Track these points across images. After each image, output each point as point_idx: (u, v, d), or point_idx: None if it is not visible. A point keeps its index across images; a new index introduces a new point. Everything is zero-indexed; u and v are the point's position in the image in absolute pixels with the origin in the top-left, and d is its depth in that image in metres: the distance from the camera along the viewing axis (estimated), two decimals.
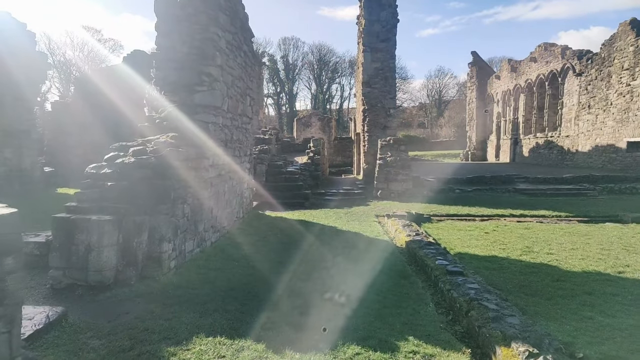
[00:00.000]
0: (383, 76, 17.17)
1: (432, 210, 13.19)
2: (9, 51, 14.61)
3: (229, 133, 9.40)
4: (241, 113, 10.51)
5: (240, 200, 10.93)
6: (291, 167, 16.67)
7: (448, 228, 10.68)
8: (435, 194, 16.43)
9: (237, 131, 10.19)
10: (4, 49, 14.47)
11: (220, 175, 8.89)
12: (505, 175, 18.41)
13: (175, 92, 7.95)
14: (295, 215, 12.47)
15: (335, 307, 5.06)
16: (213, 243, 8.39)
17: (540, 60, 29.08)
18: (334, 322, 4.53)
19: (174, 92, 7.96)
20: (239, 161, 10.70)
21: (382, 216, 12.56)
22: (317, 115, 42.18)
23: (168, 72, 8.03)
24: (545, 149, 27.96)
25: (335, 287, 5.66)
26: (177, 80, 7.97)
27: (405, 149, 16.37)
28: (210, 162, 8.11)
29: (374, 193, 16.23)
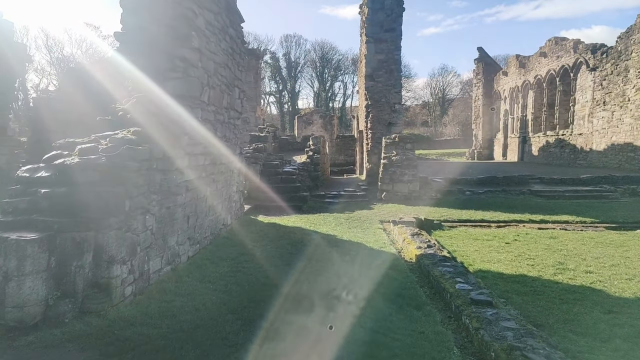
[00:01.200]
0: (387, 69, 15.90)
1: (442, 215, 11.93)
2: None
3: (211, 128, 8.16)
4: (227, 106, 9.27)
5: (227, 205, 9.70)
6: (288, 167, 15.43)
7: (462, 237, 9.42)
8: (443, 196, 15.17)
9: (222, 127, 8.96)
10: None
11: (201, 177, 7.65)
12: (518, 176, 17.12)
13: (143, 80, 6.72)
14: (290, 220, 11.24)
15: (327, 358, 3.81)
16: (190, 257, 7.16)
17: (550, 55, 27.74)
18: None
19: (142, 79, 6.72)
20: (226, 160, 9.47)
21: (387, 222, 11.31)
22: (319, 113, 40.96)
23: (135, 57, 6.78)
24: (557, 148, 26.63)
25: (331, 323, 4.43)
26: (145, 65, 6.73)
27: (412, 147, 15.11)
28: (185, 163, 6.87)
29: (377, 195, 14.98)
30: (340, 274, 6.25)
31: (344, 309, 4.93)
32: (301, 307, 4.95)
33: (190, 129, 6.99)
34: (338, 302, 5.18)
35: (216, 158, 8.63)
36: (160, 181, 5.86)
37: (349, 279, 6.09)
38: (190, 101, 6.99)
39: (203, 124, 7.60)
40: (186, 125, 6.78)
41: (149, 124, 6.10)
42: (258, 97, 24.04)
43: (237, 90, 10.18)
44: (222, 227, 9.40)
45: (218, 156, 8.79)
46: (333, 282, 5.85)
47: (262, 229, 9.89)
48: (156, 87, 6.52)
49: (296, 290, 5.49)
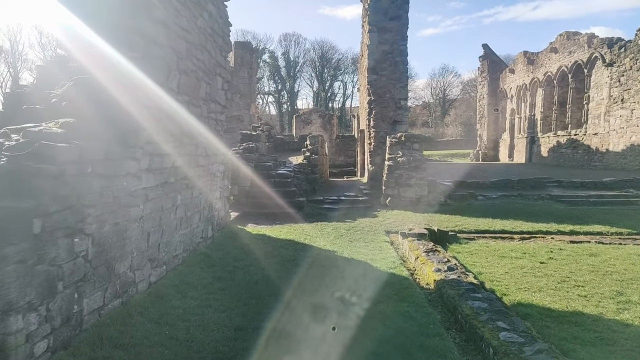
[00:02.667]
0: (392, 61, 14.46)
1: (456, 225, 10.46)
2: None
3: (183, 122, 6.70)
4: (206, 98, 7.80)
5: (207, 215, 8.23)
6: (283, 168, 13.96)
7: (484, 253, 7.95)
8: (454, 202, 13.71)
9: (199, 122, 7.49)
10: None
11: (167, 183, 6.18)
12: (534, 179, 15.67)
13: (90, 59, 5.25)
14: (283, 231, 9.77)
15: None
16: (153, 284, 5.69)
17: (561, 50, 26.31)
18: None
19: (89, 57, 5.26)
20: (205, 162, 8.01)
21: (394, 233, 9.85)
22: (318, 112, 39.53)
23: (85, 29, 5.32)
24: (569, 148, 25.18)
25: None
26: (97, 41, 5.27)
27: (419, 147, 13.65)
28: (144, 165, 5.41)
29: (382, 200, 13.52)
30: (340, 312, 4.78)
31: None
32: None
33: (152, 121, 5.53)
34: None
35: (191, 159, 7.17)
36: (100, 190, 4.38)
37: (351, 318, 4.63)
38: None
39: (168, 117, 6.13)
40: (145, 117, 5.31)
41: (91, 114, 4.63)
42: (253, 93, 22.60)
43: (220, 80, 8.72)
44: (201, 240, 7.93)
45: (194, 157, 7.33)
46: (330, 324, 4.39)
47: (248, 243, 8.42)
48: (106, 68, 5.05)
49: (279, 343, 4.02)
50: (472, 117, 64.28)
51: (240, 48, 22.34)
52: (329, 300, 5.17)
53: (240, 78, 22.30)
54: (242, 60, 22.33)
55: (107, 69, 4.97)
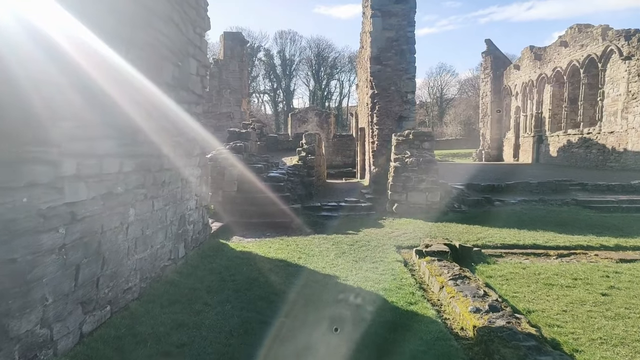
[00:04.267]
0: (398, 49, 12.87)
1: (478, 238, 8.88)
2: None
3: (138, 113, 5.07)
4: (173, 83, 6.17)
5: (176, 231, 6.61)
6: (274, 171, 12.33)
7: (524, 278, 6.35)
8: (469, 208, 12.14)
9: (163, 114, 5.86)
10: None
11: (112, 195, 4.55)
12: (555, 182, 14.12)
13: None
14: (273, 247, 8.16)
15: None
16: (85, 336, 4.07)
17: (572, 44, 24.80)
18: None
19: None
20: (173, 165, 6.38)
21: (406, 249, 8.27)
22: (315, 110, 37.92)
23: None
24: (581, 148, 23.68)
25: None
26: None
27: (430, 146, 12.07)
28: (70, 170, 3.78)
29: (387, 207, 11.92)
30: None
31: None
32: None
33: (81, 110, 3.90)
34: None
35: (151, 162, 5.54)
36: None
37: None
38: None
39: (115, 104, 4.50)
40: (65, 102, 3.68)
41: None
42: (244, 88, 20.92)
43: (194, 64, 7.09)
44: (169, 263, 6.31)
45: (156, 159, 5.70)
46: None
47: (228, 265, 6.79)
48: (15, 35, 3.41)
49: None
50: (472, 116, 62.95)
51: (230, 39, 20.64)
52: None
53: (231, 72, 20.61)
54: (232, 53, 20.64)
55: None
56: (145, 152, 5.34)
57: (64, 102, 3.64)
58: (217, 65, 20.76)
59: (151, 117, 5.38)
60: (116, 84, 4.43)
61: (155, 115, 5.54)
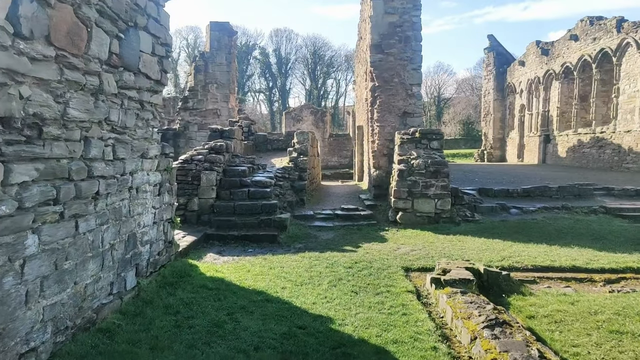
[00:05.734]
0: (402, 36, 11.34)
1: (502, 257, 7.34)
2: None
3: (47, 100, 3.49)
4: (111, 61, 4.57)
5: (121, 256, 5.02)
6: (261, 174, 10.74)
7: (577, 319, 4.81)
8: (483, 217, 10.62)
9: (96, 102, 4.28)
10: None
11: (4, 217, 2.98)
12: (577, 186, 12.60)
13: None
14: (252, 271, 6.59)
15: None
16: None
17: (583, 37, 23.35)
18: None
19: None
20: (114, 171, 4.80)
21: (417, 272, 6.74)
22: (310, 109, 36.44)
23: None
24: (593, 148, 22.21)
25: None
26: None
27: (439, 145, 10.53)
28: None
29: (390, 215, 10.38)
30: None
31: None
32: None
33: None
34: None
35: (72, 167, 3.96)
36: None
37: None
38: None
39: None
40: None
41: None
42: (232, 83, 19.27)
43: (148, 39, 5.50)
44: (110, 300, 4.74)
45: (80, 163, 4.12)
46: None
47: (191, 300, 5.22)
48: None
49: None
50: (471, 116, 61.53)
51: (217, 29, 18.99)
52: None
53: (218, 65, 18.97)
54: (220, 44, 18.99)
55: None
56: (58, 153, 3.77)
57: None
58: (203, 58, 19.17)
59: (66, 102, 3.80)
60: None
61: (80, 103, 3.96)
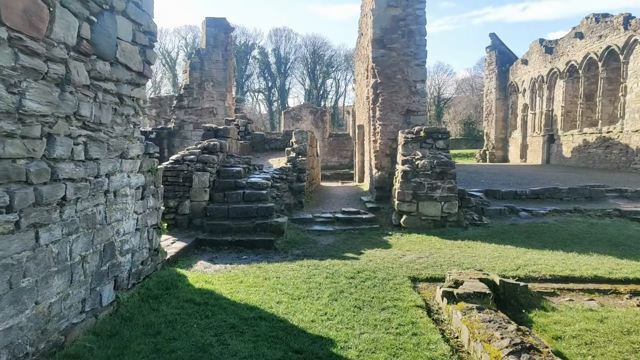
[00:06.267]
0: (405, 30, 10.79)
1: (517, 265, 6.78)
2: None
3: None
4: (80, 47, 4.00)
5: (97, 270, 4.45)
6: (257, 175, 10.18)
7: (609, 340, 4.25)
8: (492, 220, 10.06)
9: (64, 96, 3.72)
10: None
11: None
12: (587, 188, 12.05)
13: None
14: (246, 282, 6.03)
15: None
16: None
17: (589, 35, 22.81)
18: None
19: None
20: (92, 172, 4.24)
21: (425, 281, 6.19)
22: (309, 108, 35.87)
23: None
24: (599, 148, 21.68)
25: None
26: None
27: (445, 145, 9.97)
28: None
29: (393, 218, 9.82)
30: None
31: None
32: None
33: None
34: None
35: (30, 169, 3.40)
36: None
37: None
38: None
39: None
40: None
41: None
42: (229, 81, 18.67)
43: (127, 25, 4.94)
44: (81, 319, 4.18)
45: (40, 164, 3.56)
46: None
47: (174, 318, 4.65)
48: None
49: None
50: (472, 116, 61.02)
51: (213, 25, 18.38)
52: None
53: (214, 62, 18.37)
54: (216, 41, 18.38)
55: None
56: (12, 152, 3.20)
57: None
58: (198, 55, 18.58)
59: (22, 93, 3.24)
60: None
61: (34, 91, 3.39)
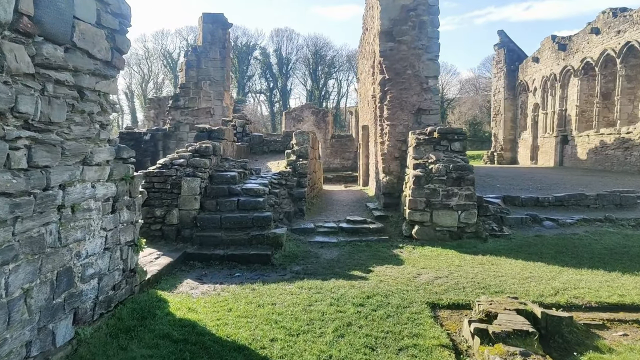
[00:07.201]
0: (417, 21, 9.84)
1: (553, 288, 5.81)
2: None
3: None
4: (24, 28, 3.07)
5: (48, 303, 3.53)
6: (253, 181, 9.25)
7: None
8: (513, 231, 9.09)
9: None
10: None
11: None
12: (617, 194, 11.03)
13: None
14: (235, 310, 5.09)
15: None
16: None
17: (606, 30, 21.77)
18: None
19: None
20: (38, 184, 3.31)
21: (446, 309, 5.24)
22: (311, 109, 34.98)
23: None
24: (618, 150, 20.63)
25: None
26: None
27: (462, 147, 9.01)
28: None
29: (404, 229, 8.86)
30: None
31: None
32: None
33: None
34: None
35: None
36: None
37: None
38: None
39: None
40: None
41: None
42: (227, 80, 17.73)
43: (92, 3, 4.03)
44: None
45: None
46: None
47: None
48: None
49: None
50: (477, 116, 59.95)
51: (210, 22, 17.47)
52: None
53: (211, 60, 17.45)
54: (213, 38, 17.47)
55: None
56: None
57: None
58: (195, 52, 17.68)
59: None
60: None
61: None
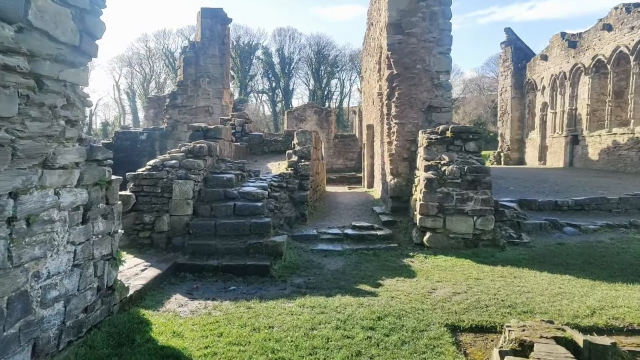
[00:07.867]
0: (427, 12, 9.16)
1: (588, 306, 5.12)
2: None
3: None
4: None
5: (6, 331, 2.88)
6: (251, 183, 8.59)
7: None
8: (532, 238, 8.40)
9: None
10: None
11: None
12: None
13: None
14: (226, 334, 4.43)
15: None
16: None
17: (618, 27, 21.03)
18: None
19: None
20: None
21: (469, 332, 4.56)
22: (313, 108, 34.31)
23: None
24: (632, 150, 19.87)
25: None
26: None
27: (477, 148, 8.33)
28: None
29: (414, 236, 8.18)
30: None
31: None
32: None
33: None
34: None
35: None
36: None
37: None
38: None
39: None
40: None
41: None
42: (226, 77, 17.08)
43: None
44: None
45: None
46: None
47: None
48: None
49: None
50: (482, 116, 59.16)
51: (209, 17, 16.81)
52: None
53: (210, 57, 16.80)
54: (212, 33, 16.82)
55: None
56: None
57: None
58: (193, 48, 17.04)
59: None
60: None
61: None
